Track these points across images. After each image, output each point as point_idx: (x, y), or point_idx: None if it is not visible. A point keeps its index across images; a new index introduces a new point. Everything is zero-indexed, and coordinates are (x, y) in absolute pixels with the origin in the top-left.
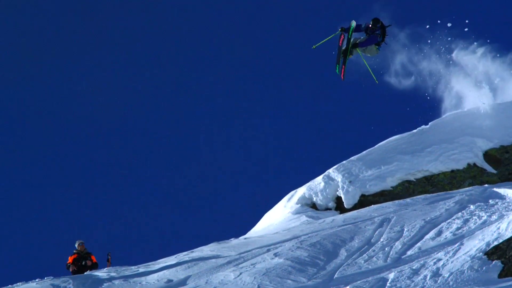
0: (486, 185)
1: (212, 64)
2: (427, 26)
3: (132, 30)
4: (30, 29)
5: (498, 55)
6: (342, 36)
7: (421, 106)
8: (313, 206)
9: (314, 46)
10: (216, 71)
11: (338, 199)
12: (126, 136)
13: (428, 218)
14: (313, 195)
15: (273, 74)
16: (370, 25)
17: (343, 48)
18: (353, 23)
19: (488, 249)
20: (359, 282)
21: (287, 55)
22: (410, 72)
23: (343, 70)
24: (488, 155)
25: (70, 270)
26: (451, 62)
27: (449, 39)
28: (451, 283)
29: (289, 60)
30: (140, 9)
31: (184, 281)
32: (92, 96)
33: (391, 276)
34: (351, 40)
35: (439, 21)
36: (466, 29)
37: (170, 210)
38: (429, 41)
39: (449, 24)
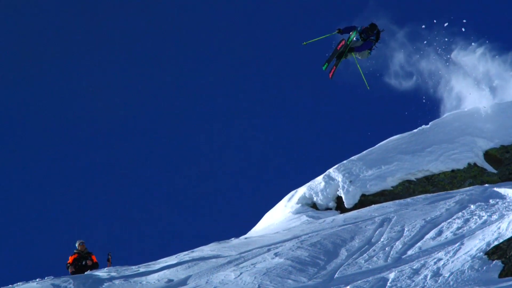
0: (486, 184)
1: (212, 64)
2: (423, 26)
3: (132, 30)
4: (30, 29)
5: (497, 54)
6: (343, 42)
7: (421, 106)
8: (314, 206)
9: (305, 43)
10: (216, 71)
11: (339, 199)
12: (126, 136)
13: (429, 218)
14: (314, 195)
15: (273, 74)
16: (367, 30)
17: (340, 51)
18: (353, 35)
19: (488, 249)
20: (359, 282)
21: (287, 55)
22: (409, 73)
23: (333, 70)
24: (488, 155)
25: (69, 271)
26: (449, 62)
27: (446, 39)
28: (451, 282)
29: (289, 60)
30: (140, 9)
31: (184, 281)
32: (92, 96)
33: (391, 276)
34: (349, 45)
35: (435, 21)
36: (463, 29)
37: (171, 210)
38: (425, 42)
39: (445, 24)
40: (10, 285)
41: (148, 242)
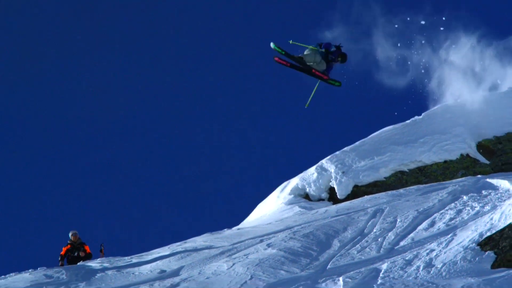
0: (479, 175)
1: (204, 55)
2: (408, 18)
3: (132, 30)
4: (30, 29)
5: (489, 46)
6: (325, 77)
7: (414, 98)
8: (306, 196)
9: (291, 41)
10: (211, 63)
11: (331, 190)
12: (119, 128)
13: (421, 208)
14: (306, 186)
15: (264, 65)
16: (337, 56)
17: (306, 69)
18: (337, 83)
19: (481, 239)
20: (352, 272)
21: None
22: (401, 66)
23: (283, 62)
24: (481, 146)
25: (59, 264)
26: (441, 55)
27: (436, 31)
28: (444, 273)
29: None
30: (140, 9)
31: (177, 272)
32: (86, 84)
33: (384, 266)
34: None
35: (423, 22)
36: (442, 26)
37: (164, 201)
38: (414, 34)
39: (422, 22)
40: (3, 276)
41: (141, 233)
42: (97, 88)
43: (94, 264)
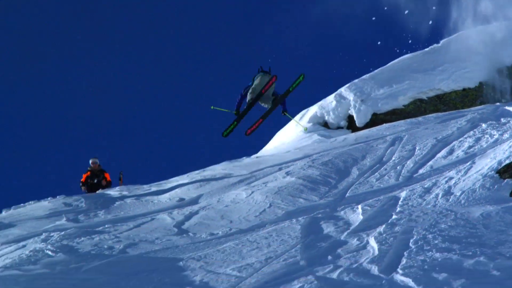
0: (497, 103)
1: (204, 55)
2: None
3: (132, 30)
4: (30, 29)
5: None
6: (255, 125)
7: (432, 25)
8: (325, 124)
9: (212, 107)
10: (211, 62)
11: (350, 118)
12: (138, 59)
13: (440, 136)
14: (325, 114)
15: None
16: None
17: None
18: (225, 133)
19: (500, 167)
20: (370, 200)
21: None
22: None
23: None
24: (500, 74)
25: (82, 189)
26: None
27: None
28: (462, 201)
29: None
30: (140, 9)
31: (196, 200)
32: (86, 84)
33: (402, 194)
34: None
35: None
36: None
37: (183, 130)
38: None
39: None
40: (22, 204)
41: (160, 162)
42: (97, 88)
43: (113, 192)
